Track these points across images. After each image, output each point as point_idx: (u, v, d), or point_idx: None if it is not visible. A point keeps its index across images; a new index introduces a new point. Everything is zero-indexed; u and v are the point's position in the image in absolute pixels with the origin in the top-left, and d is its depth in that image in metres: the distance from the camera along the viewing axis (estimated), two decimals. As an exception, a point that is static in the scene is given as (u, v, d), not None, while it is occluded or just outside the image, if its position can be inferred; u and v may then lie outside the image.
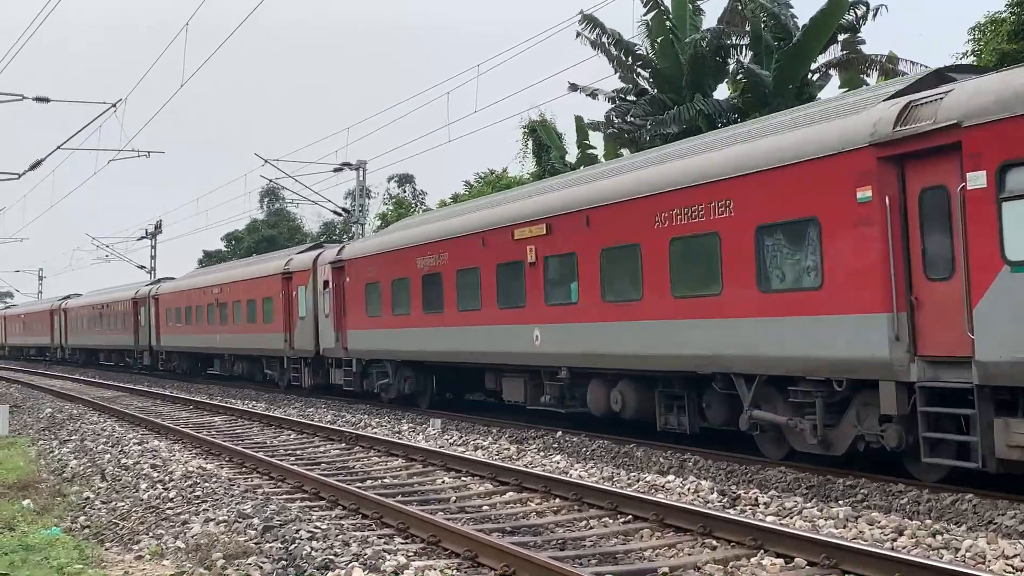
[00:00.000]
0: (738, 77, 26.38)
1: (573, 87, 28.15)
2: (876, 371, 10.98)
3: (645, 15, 26.43)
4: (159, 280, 46.40)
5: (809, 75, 26.03)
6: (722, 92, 27.23)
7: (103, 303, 50.16)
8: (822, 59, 26.11)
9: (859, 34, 25.86)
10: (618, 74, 28.02)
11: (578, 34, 26.96)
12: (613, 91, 28.35)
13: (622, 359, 15.21)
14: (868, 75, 26.52)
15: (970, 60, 23.90)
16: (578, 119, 31.88)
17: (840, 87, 26.92)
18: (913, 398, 10.64)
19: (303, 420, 21.38)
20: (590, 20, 26.78)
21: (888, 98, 11.41)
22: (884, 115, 10.93)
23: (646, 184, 14.66)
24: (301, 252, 29.73)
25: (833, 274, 11.50)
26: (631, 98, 27.57)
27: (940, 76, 11.80)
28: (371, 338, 23.81)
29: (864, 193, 11.02)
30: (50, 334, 61.32)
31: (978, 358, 9.82)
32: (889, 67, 25.47)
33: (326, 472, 14.30)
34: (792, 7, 25.62)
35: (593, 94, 28.36)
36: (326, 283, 26.26)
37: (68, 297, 61.47)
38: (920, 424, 10.54)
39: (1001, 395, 9.81)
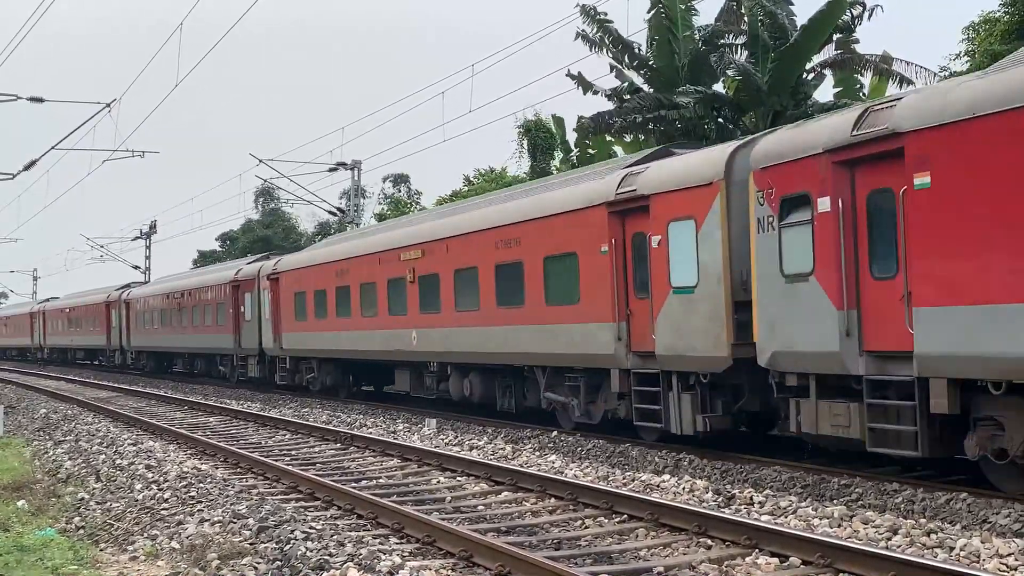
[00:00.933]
0: (731, 74, 26.36)
1: (572, 78, 28.12)
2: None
3: (650, 11, 26.40)
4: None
5: (804, 75, 26.04)
6: (719, 89, 27.22)
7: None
8: (817, 59, 26.11)
9: (853, 34, 25.84)
10: (614, 72, 28.02)
11: (578, 35, 26.93)
12: (610, 90, 28.34)
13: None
14: (862, 75, 26.54)
15: (964, 60, 23.93)
16: (580, 119, 31.96)
17: (835, 87, 26.96)
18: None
19: (298, 420, 21.38)
20: (587, 14, 26.76)
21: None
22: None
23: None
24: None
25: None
26: (627, 96, 27.54)
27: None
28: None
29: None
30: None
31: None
32: (883, 67, 25.48)
33: (321, 472, 14.29)
34: (793, 4, 25.60)
35: (593, 89, 28.33)
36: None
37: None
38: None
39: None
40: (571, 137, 33.48)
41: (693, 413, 13.78)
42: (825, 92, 27.48)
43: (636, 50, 27.39)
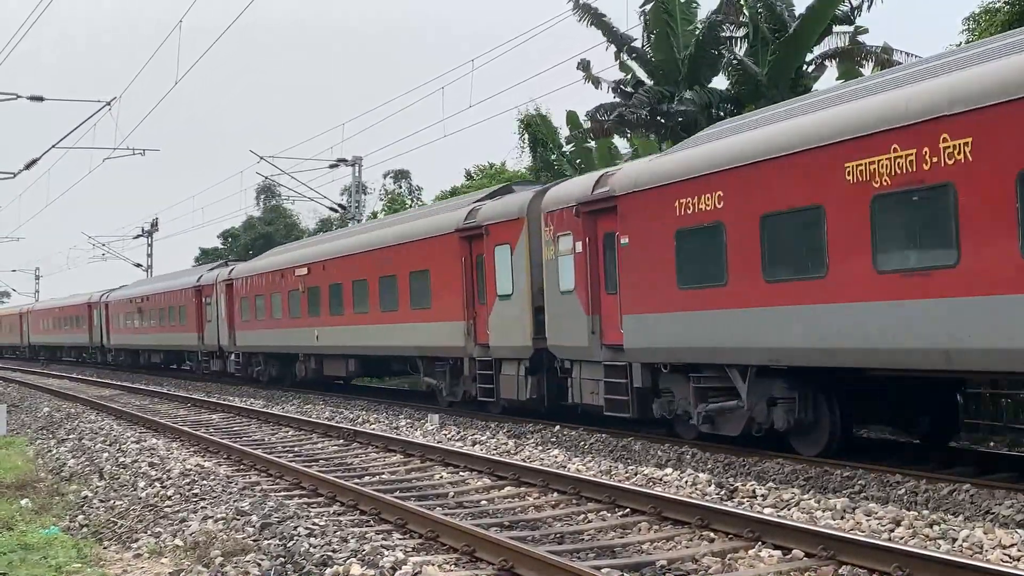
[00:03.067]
0: (730, 68, 26.27)
1: (583, 68, 28.02)
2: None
3: (643, 6, 26.34)
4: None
5: (804, 66, 25.96)
6: (720, 82, 27.17)
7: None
8: (818, 50, 26.03)
9: (857, 24, 25.75)
10: (618, 63, 27.94)
11: (582, 14, 26.81)
12: (614, 81, 28.27)
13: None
14: (864, 66, 26.45)
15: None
16: (571, 114, 31.82)
17: (837, 79, 26.86)
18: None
19: (301, 417, 21.40)
20: (585, 9, 26.70)
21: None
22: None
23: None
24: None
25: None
26: (628, 89, 27.47)
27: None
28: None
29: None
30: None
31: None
32: (884, 58, 25.40)
33: (324, 469, 14.31)
34: None
35: (596, 81, 28.25)
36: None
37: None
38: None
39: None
40: (565, 132, 33.35)
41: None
42: (827, 84, 27.36)
43: (634, 44, 27.31)
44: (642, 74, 27.85)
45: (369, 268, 23.92)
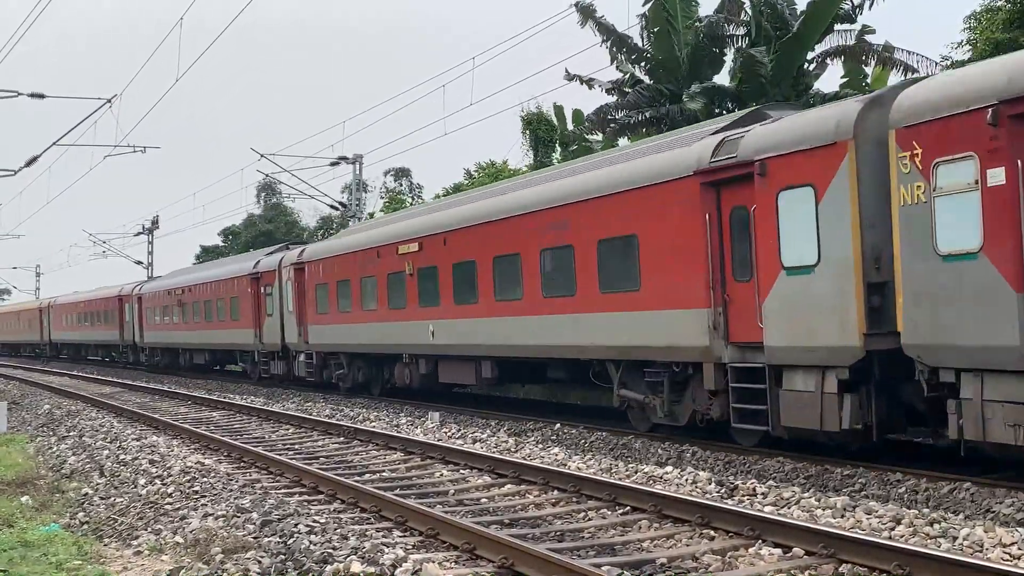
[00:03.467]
0: (738, 61, 26.23)
1: (569, 77, 28.06)
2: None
3: (645, 4, 26.32)
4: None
5: (806, 64, 25.97)
6: (722, 80, 27.12)
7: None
8: (820, 48, 26.04)
9: (859, 23, 25.75)
10: (615, 64, 27.91)
11: (581, 17, 26.80)
12: (610, 82, 28.25)
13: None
14: (867, 64, 26.45)
15: (966, 49, 23.85)
16: (576, 112, 31.83)
17: (842, 77, 26.86)
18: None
19: (301, 414, 21.40)
20: (584, 11, 26.70)
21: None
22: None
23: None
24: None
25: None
26: (627, 89, 27.46)
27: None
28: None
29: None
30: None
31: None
32: (886, 56, 25.40)
33: (324, 466, 14.31)
34: None
35: (589, 83, 28.24)
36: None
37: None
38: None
39: None
40: (569, 127, 33.39)
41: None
42: (828, 82, 27.38)
43: (633, 43, 27.29)
44: (641, 75, 27.82)
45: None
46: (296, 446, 17.02)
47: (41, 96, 29.53)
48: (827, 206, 11.70)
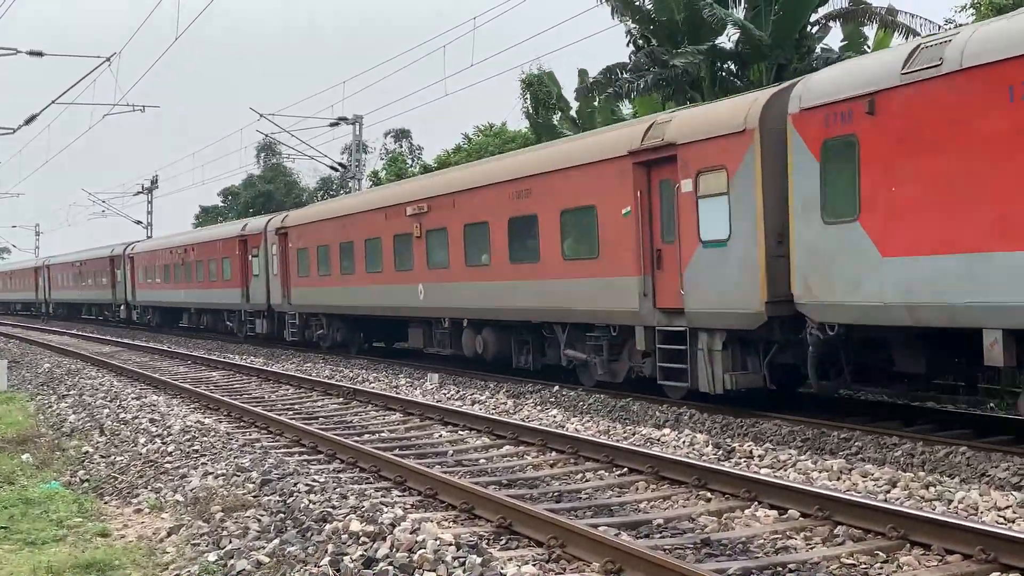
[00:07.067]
0: (734, 31, 26.04)
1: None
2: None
3: None
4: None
5: (808, 27, 25.76)
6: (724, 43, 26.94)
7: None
8: (823, 10, 25.81)
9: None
10: (617, 18, 27.66)
11: None
12: (615, 64, 28.04)
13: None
14: (869, 26, 26.24)
15: (969, 13, 23.66)
16: (582, 71, 31.63)
17: (842, 40, 26.66)
18: None
19: (301, 375, 21.46)
20: None
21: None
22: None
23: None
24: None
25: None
26: (632, 48, 27.29)
27: None
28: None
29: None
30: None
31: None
32: (889, 19, 25.19)
33: (324, 426, 14.37)
34: None
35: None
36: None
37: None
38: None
39: None
40: (568, 94, 33.20)
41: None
42: (832, 43, 27.16)
43: (636, 4, 27.07)
44: (640, 37, 27.60)
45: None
46: (295, 406, 17.09)
47: (40, 54, 29.30)
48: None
